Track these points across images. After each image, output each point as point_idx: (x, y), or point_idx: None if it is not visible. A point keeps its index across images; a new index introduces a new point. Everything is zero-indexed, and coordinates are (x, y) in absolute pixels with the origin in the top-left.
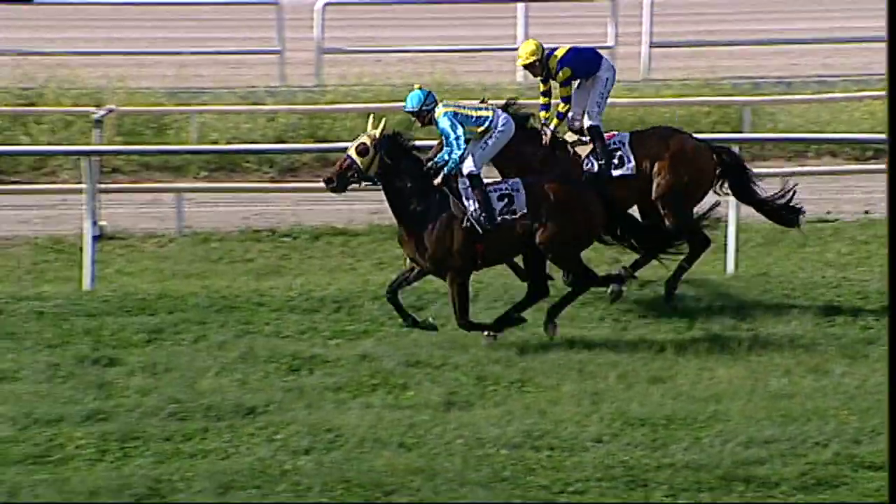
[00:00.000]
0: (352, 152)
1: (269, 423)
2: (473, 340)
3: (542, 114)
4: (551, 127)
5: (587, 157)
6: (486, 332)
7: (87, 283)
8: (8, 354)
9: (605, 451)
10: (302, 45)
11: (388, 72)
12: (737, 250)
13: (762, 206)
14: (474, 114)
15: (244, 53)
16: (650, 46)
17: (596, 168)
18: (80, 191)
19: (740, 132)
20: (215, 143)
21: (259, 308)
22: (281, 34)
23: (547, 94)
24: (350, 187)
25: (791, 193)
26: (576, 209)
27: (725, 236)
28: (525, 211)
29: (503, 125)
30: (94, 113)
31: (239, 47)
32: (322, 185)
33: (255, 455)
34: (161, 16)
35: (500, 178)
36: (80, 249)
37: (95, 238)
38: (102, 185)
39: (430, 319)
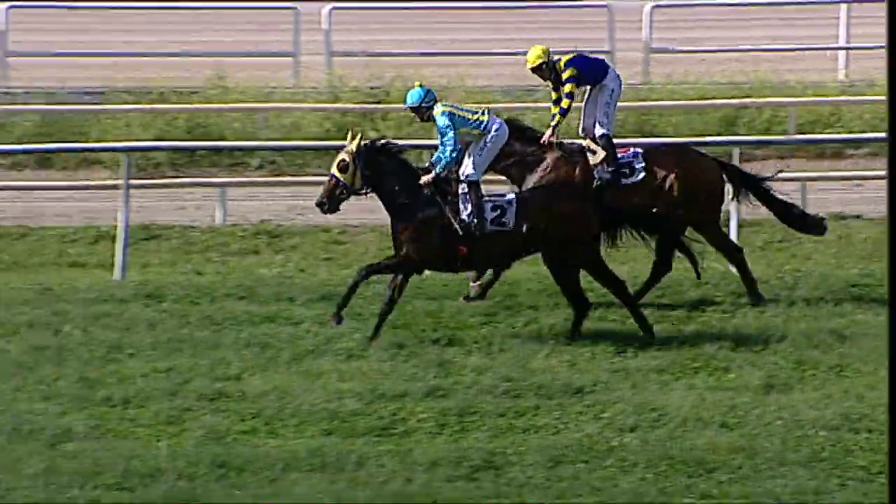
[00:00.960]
0: (335, 171)
1: (597, 402)
2: (794, 327)
3: (556, 119)
4: (552, 123)
5: (598, 165)
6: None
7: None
8: (355, 334)
9: None
10: (630, 45)
11: (712, 71)
12: None
13: (787, 216)
14: (471, 116)
15: None
16: None
17: (607, 176)
18: None
19: None
20: None
21: (587, 293)
22: (611, 35)
23: (558, 101)
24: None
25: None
26: (573, 221)
27: None
28: (514, 226)
29: (497, 130)
30: None
31: (571, 47)
32: None
33: (584, 431)
34: (498, 18)
35: (497, 190)
36: None
37: None
38: None
39: None
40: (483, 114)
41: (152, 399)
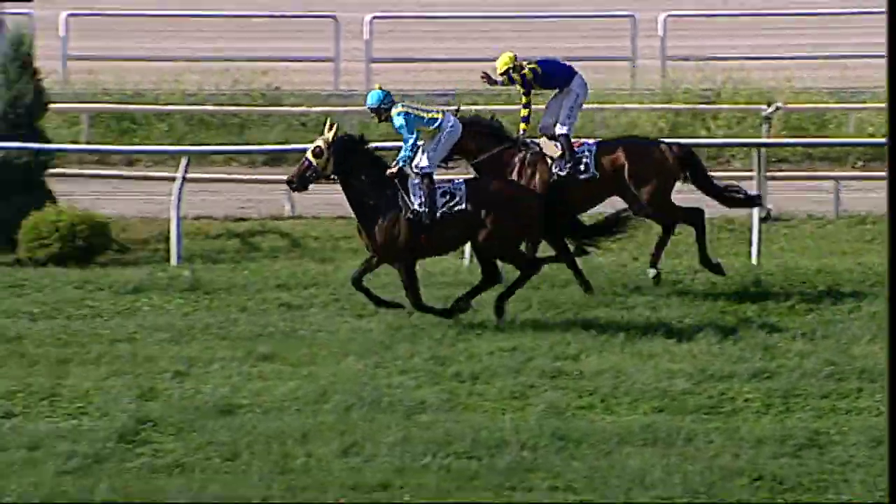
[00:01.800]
0: (309, 155)
1: None
2: None
3: (523, 125)
4: (521, 130)
5: (555, 161)
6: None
7: (754, 258)
8: (686, 319)
9: None
10: None
11: None
12: None
13: (720, 195)
14: (426, 115)
15: None
16: None
17: (564, 172)
18: (749, 178)
19: None
20: (871, 136)
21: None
22: None
23: (527, 106)
24: None
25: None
26: (513, 208)
27: None
28: (464, 207)
29: (451, 127)
30: (763, 110)
31: (880, 53)
32: None
33: None
34: (825, 24)
35: (448, 177)
36: (749, 229)
37: (762, 219)
38: (769, 173)
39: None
40: (437, 112)
41: (498, 375)
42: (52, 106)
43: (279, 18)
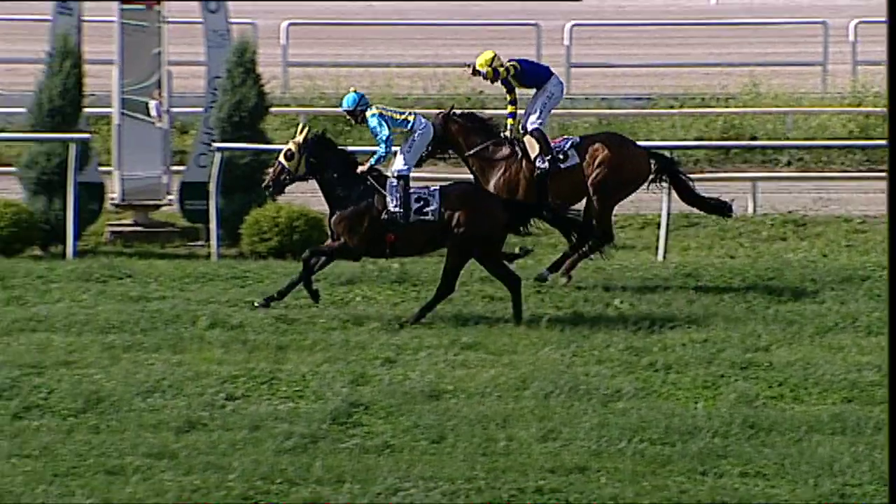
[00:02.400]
0: (281, 158)
1: None
2: None
3: (510, 121)
4: (509, 126)
5: (538, 156)
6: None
7: None
8: (875, 313)
9: None
10: None
11: None
12: None
13: (697, 201)
14: (399, 117)
15: None
16: None
17: (546, 164)
18: None
19: None
20: None
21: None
22: None
23: (513, 103)
24: None
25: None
26: (480, 214)
27: None
28: (437, 210)
29: (422, 128)
30: None
31: None
32: None
33: None
34: None
35: (422, 183)
36: None
37: None
38: None
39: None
40: (409, 115)
41: (690, 366)
42: (272, 109)
43: (481, 26)
